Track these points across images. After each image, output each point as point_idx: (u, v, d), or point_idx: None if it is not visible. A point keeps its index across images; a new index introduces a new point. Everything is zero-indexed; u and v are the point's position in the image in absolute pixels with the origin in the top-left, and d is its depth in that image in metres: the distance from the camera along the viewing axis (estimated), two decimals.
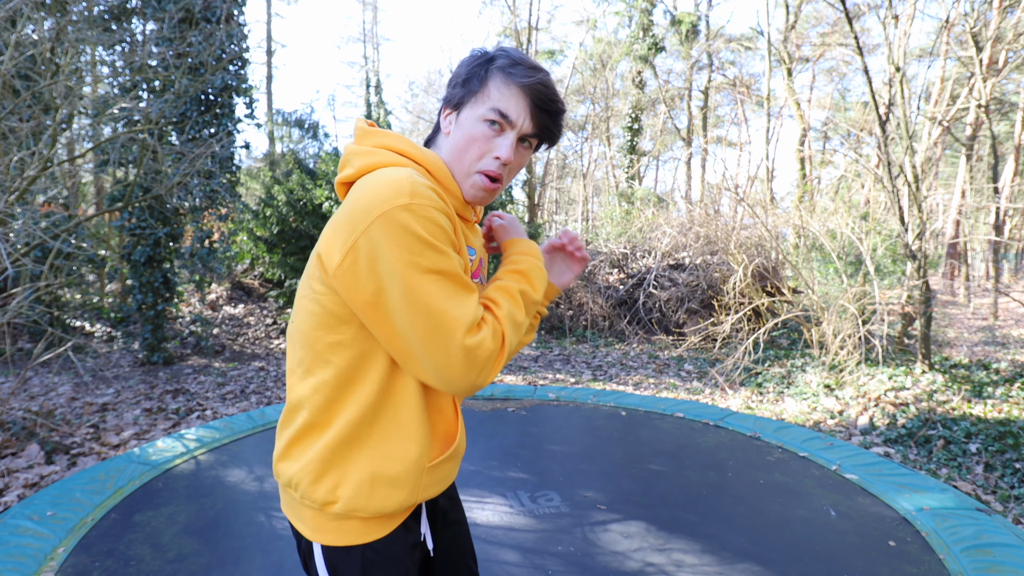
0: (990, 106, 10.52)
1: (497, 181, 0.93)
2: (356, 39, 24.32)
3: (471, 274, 0.98)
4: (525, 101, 0.91)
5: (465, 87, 0.93)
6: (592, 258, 9.50)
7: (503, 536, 2.40)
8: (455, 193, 0.94)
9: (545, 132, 0.95)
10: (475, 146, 0.91)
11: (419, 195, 0.81)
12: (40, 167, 3.51)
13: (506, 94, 0.90)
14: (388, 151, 0.92)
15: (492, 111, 0.90)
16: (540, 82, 0.91)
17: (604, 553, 2.29)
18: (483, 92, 0.91)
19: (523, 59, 0.93)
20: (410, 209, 0.79)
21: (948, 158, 21.86)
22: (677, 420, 3.93)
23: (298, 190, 7.90)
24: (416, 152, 0.92)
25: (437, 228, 0.81)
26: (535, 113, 0.92)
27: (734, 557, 2.27)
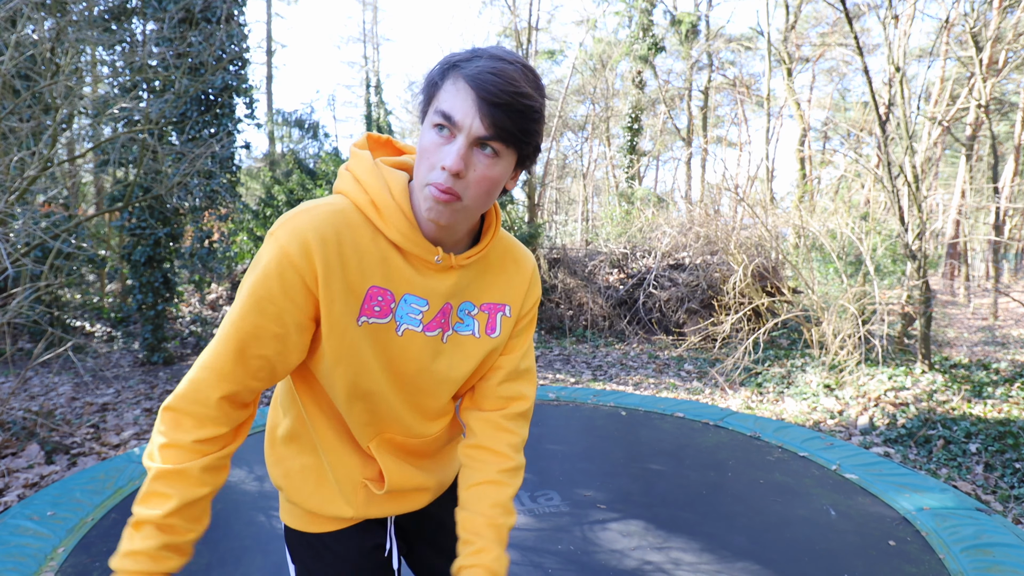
0: (990, 106, 10.52)
1: (448, 194, 0.77)
2: (356, 39, 24.33)
3: (424, 326, 0.88)
4: (471, 97, 0.74)
5: (425, 94, 0.81)
6: (592, 258, 9.50)
7: None
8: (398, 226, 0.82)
9: (504, 133, 0.76)
10: (425, 158, 0.79)
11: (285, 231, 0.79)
12: (40, 167, 3.51)
13: (452, 92, 0.76)
14: (350, 175, 0.85)
15: (436, 114, 0.77)
16: (491, 70, 0.74)
17: (603, 552, 2.29)
18: (435, 96, 0.79)
19: (483, 50, 0.77)
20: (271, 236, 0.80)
21: (948, 158, 21.86)
22: (677, 420, 3.94)
23: (298, 190, 7.91)
24: (366, 179, 0.83)
25: (274, 272, 0.78)
26: (485, 110, 0.74)
27: (734, 556, 2.27)
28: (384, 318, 0.86)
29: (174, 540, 0.80)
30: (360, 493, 0.98)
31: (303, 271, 0.78)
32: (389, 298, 0.85)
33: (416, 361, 0.90)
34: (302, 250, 0.77)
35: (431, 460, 1.05)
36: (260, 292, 0.78)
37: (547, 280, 9.19)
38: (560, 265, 9.37)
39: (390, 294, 0.85)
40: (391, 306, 0.86)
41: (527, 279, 0.98)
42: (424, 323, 0.89)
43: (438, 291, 0.88)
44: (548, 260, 9.78)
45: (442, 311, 0.90)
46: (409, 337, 0.88)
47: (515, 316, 0.97)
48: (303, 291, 0.79)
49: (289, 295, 0.79)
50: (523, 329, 1.01)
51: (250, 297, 0.79)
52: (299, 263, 0.78)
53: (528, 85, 0.76)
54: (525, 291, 0.98)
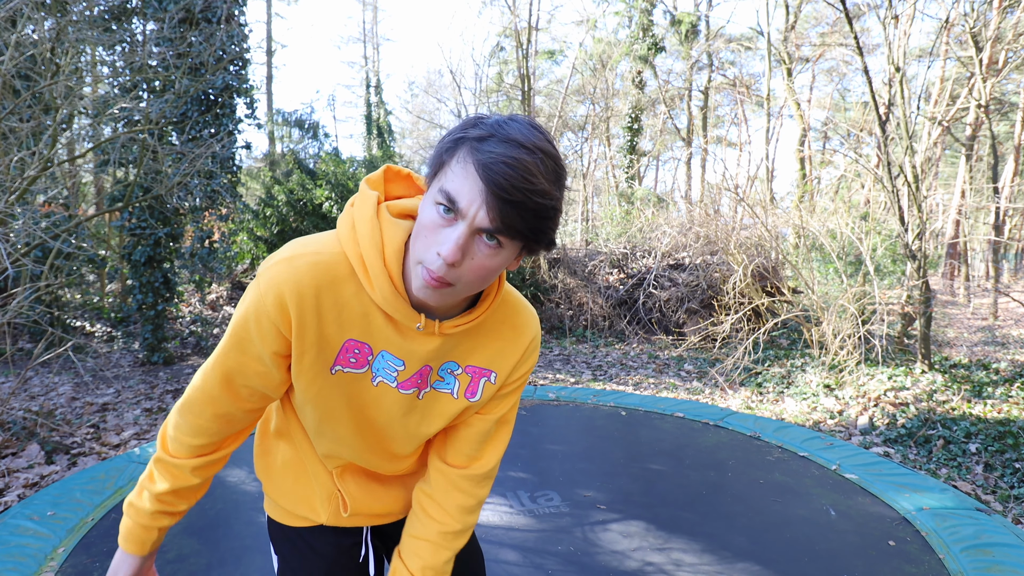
0: (990, 106, 10.52)
1: (439, 283, 0.72)
2: (356, 39, 24.33)
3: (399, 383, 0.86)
4: (479, 186, 0.67)
5: (433, 163, 0.75)
6: (592, 258, 9.50)
7: (503, 536, 2.40)
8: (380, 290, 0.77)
9: (511, 230, 0.69)
10: (423, 235, 0.72)
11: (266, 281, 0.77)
12: (40, 167, 3.51)
13: (460, 174, 0.69)
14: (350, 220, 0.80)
15: (440, 193, 0.70)
16: (505, 160, 0.66)
17: (604, 552, 2.29)
18: (443, 169, 0.72)
19: (501, 129, 0.69)
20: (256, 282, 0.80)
21: (948, 158, 21.86)
22: (677, 420, 3.94)
23: (298, 190, 7.91)
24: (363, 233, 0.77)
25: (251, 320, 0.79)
26: (493, 203, 0.67)
27: (734, 556, 2.27)
28: (360, 368, 0.84)
29: (166, 509, 0.93)
30: (332, 503, 1.01)
31: (277, 321, 0.78)
32: (367, 351, 0.83)
33: (387, 413, 0.89)
34: (277, 302, 0.77)
35: (398, 487, 1.05)
36: (241, 333, 0.81)
37: (547, 280, 9.18)
38: (560, 265, 9.37)
39: (368, 347, 0.83)
40: (368, 358, 0.84)
41: (522, 349, 0.91)
42: (399, 381, 0.86)
43: (417, 354, 0.84)
44: (548, 260, 9.77)
45: (419, 373, 0.87)
46: (383, 389, 0.87)
47: (500, 383, 0.91)
48: (278, 337, 0.80)
49: (265, 340, 0.80)
50: (507, 394, 0.95)
51: (232, 336, 0.82)
52: (273, 314, 0.78)
53: (546, 180, 0.68)
54: (517, 361, 0.91)
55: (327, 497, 1.00)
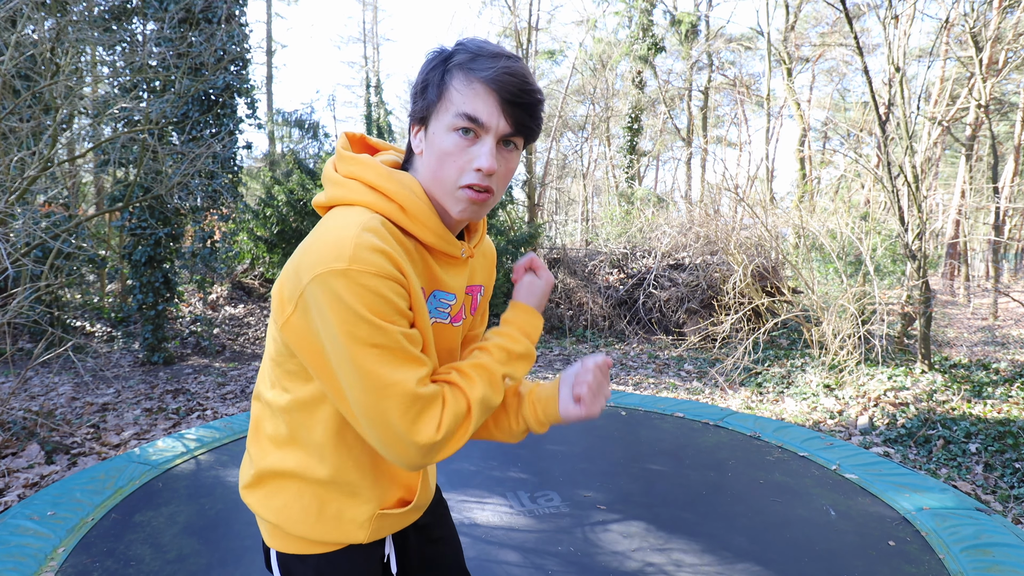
0: (990, 106, 10.52)
1: (486, 192, 0.80)
2: (356, 39, 24.32)
3: (452, 317, 0.91)
4: (493, 97, 0.76)
5: (425, 97, 0.80)
6: (592, 258, 9.50)
7: (503, 536, 2.40)
8: (432, 228, 0.83)
9: (524, 129, 0.80)
10: (451, 161, 0.78)
11: (359, 260, 0.72)
12: (40, 167, 3.51)
13: (470, 95, 0.76)
14: (359, 183, 0.82)
15: (459, 117, 0.76)
16: (506, 71, 0.76)
17: (604, 553, 2.29)
18: (445, 98, 0.78)
19: (483, 48, 0.78)
20: (347, 276, 0.72)
21: (948, 158, 21.86)
22: (677, 420, 3.94)
23: (298, 190, 7.90)
24: (388, 186, 0.81)
25: (375, 298, 0.73)
26: (508, 110, 0.77)
27: (734, 557, 2.27)
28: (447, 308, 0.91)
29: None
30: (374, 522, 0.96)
31: (400, 280, 0.77)
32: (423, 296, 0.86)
33: (446, 352, 0.94)
34: (392, 263, 0.76)
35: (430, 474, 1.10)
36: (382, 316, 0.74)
37: None
38: (560, 265, 9.37)
39: (423, 292, 0.87)
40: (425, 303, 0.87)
41: (492, 260, 1.06)
42: (452, 315, 0.92)
43: (460, 284, 0.92)
44: (548, 260, 9.77)
45: (462, 303, 0.94)
46: (439, 330, 0.91)
47: (486, 294, 1.05)
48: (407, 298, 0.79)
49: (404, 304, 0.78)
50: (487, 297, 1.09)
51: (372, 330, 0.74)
52: (395, 275, 0.76)
53: (533, 79, 0.80)
54: (492, 270, 1.06)
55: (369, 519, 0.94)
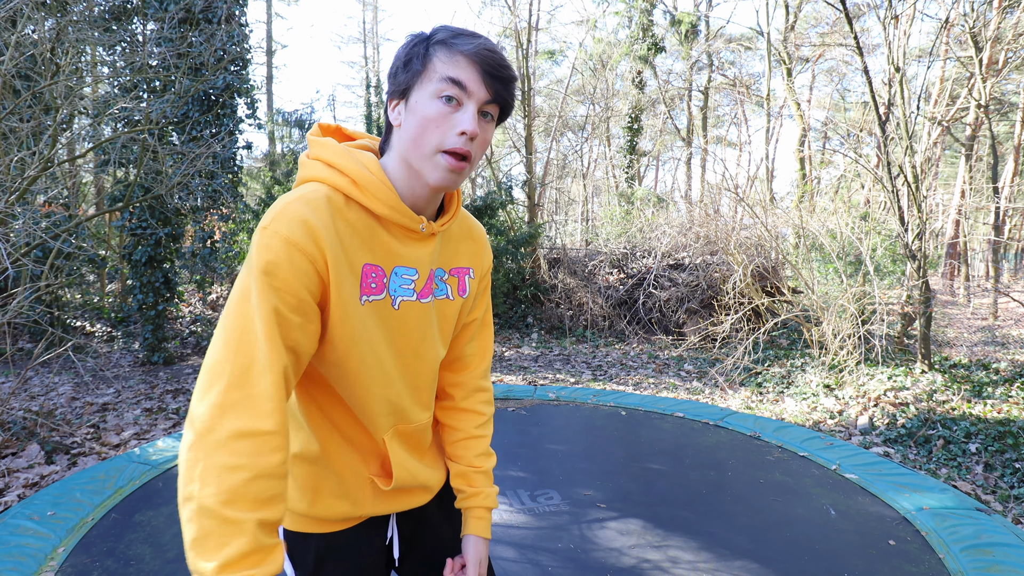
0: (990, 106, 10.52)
1: (464, 160, 0.83)
2: (356, 39, 24.33)
3: (418, 294, 0.93)
4: (475, 68, 0.82)
5: (408, 70, 0.85)
6: (592, 258, 9.50)
7: (503, 534, 2.40)
8: (384, 199, 0.85)
9: (501, 100, 0.85)
10: (432, 126, 0.82)
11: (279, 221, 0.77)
12: (40, 167, 3.51)
13: (452, 64, 0.82)
14: (319, 163, 0.87)
15: (445, 82, 0.81)
16: (485, 47, 0.83)
17: (603, 550, 2.29)
18: (429, 69, 0.83)
19: (462, 30, 0.85)
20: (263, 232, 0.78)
21: (948, 158, 21.86)
22: (677, 420, 3.94)
23: None
24: (341, 161, 0.85)
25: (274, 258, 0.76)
26: (488, 80, 0.83)
27: (733, 556, 2.27)
28: (379, 294, 0.89)
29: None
30: (367, 489, 0.99)
31: (313, 256, 0.78)
32: (381, 273, 0.88)
33: (417, 329, 0.95)
34: (309, 236, 0.78)
35: (429, 455, 1.09)
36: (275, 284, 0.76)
37: (547, 280, 9.18)
38: (560, 265, 9.37)
39: (381, 269, 0.88)
40: (383, 281, 0.88)
41: (482, 244, 1.07)
42: (417, 291, 0.93)
43: (423, 259, 0.93)
44: (548, 260, 9.78)
45: (430, 277, 0.95)
46: (406, 308, 0.92)
47: (478, 277, 1.05)
48: (313, 275, 0.79)
49: (302, 280, 0.78)
50: (481, 292, 1.09)
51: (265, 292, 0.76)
52: (308, 248, 0.78)
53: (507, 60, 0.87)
54: (482, 254, 1.07)
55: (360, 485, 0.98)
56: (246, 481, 0.69)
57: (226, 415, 0.71)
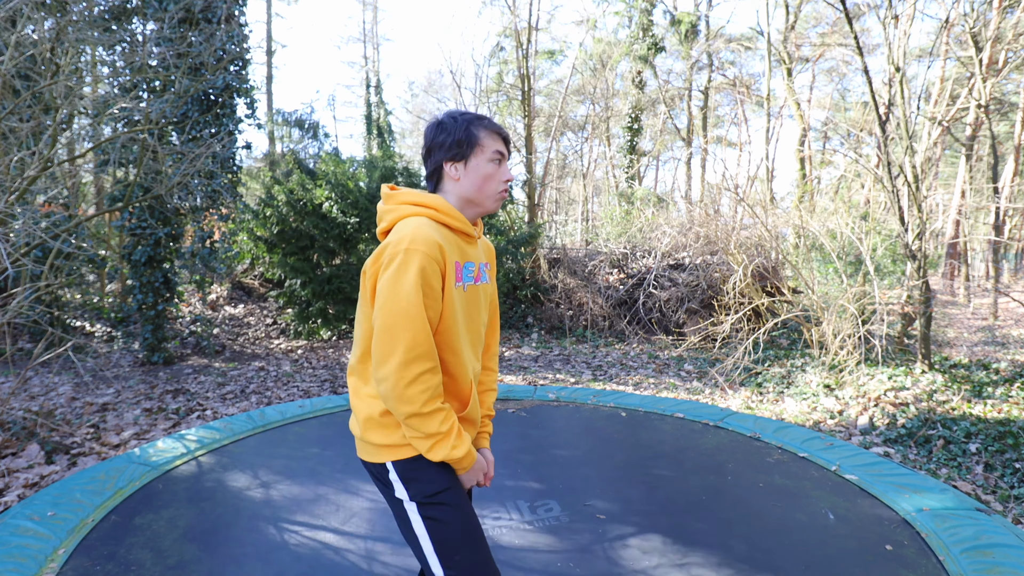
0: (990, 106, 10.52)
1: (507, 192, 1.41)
2: (356, 39, 24.30)
3: (474, 278, 1.40)
4: (500, 139, 1.39)
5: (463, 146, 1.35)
6: (592, 258, 9.50)
7: (504, 550, 2.40)
8: (459, 219, 1.35)
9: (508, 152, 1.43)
10: (491, 180, 1.38)
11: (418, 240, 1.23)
12: (40, 167, 3.51)
13: (491, 140, 1.37)
14: (408, 205, 1.35)
15: (496, 153, 1.37)
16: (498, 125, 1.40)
17: (604, 562, 2.29)
18: (480, 145, 1.36)
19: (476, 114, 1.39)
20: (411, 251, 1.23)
21: (948, 158, 21.86)
22: (677, 420, 3.93)
23: (298, 190, 7.90)
24: (427, 200, 1.34)
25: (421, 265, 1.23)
26: (505, 146, 1.41)
27: (734, 562, 2.27)
28: (459, 281, 1.34)
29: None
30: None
31: (439, 261, 1.26)
32: (459, 267, 1.33)
33: (476, 304, 1.41)
34: (437, 248, 1.25)
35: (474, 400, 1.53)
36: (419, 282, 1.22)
37: (547, 280, 9.18)
38: (560, 265, 9.37)
39: (458, 264, 1.33)
40: (461, 272, 1.34)
41: (492, 251, 1.57)
42: (475, 278, 1.40)
43: (477, 256, 1.42)
44: (548, 260, 9.77)
45: (480, 268, 1.43)
46: (472, 290, 1.39)
47: (492, 269, 1.55)
48: (439, 274, 1.26)
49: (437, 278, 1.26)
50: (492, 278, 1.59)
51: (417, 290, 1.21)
52: (438, 257, 1.25)
53: None
54: (494, 258, 1.57)
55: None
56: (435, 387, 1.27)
57: (412, 364, 1.22)
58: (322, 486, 2.88)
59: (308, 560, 2.23)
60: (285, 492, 2.81)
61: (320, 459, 3.21)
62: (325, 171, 7.95)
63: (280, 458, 3.21)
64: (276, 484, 2.89)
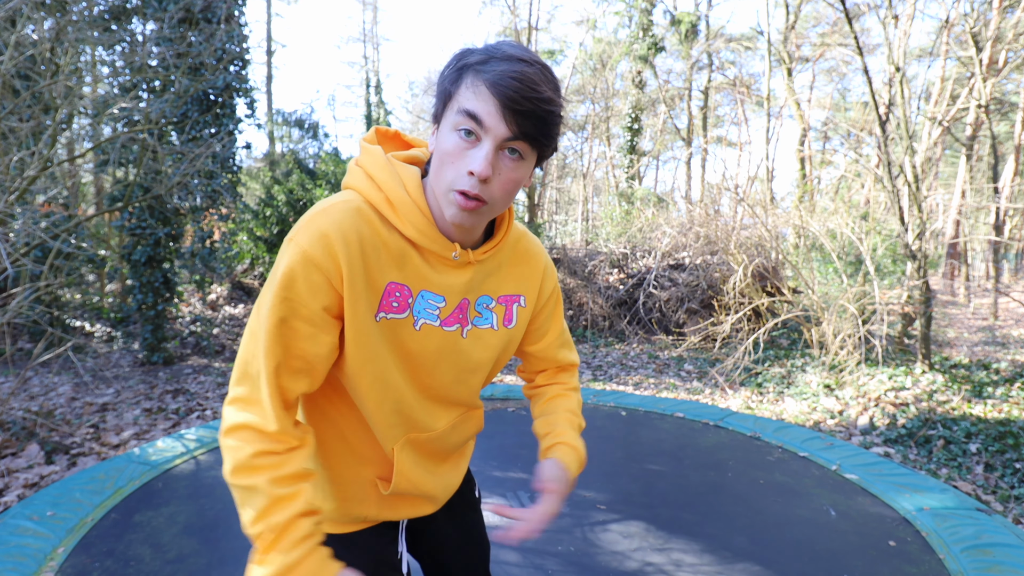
0: (990, 106, 10.52)
1: (476, 200, 0.76)
2: (356, 39, 24.32)
3: (442, 321, 0.88)
4: (495, 101, 0.73)
5: (440, 96, 0.80)
6: (592, 258, 9.50)
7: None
8: (415, 224, 0.82)
9: (528, 137, 0.75)
10: (449, 162, 0.76)
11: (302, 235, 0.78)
12: (40, 167, 3.51)
13: (474, 96, 0.74)
14: (362, 173, 0.84)
15: (460, 114, 0.75)
16: (512, 74, 0.72)
17: (604, 553, 2.29)
18: (454, 96, 0.76)
19: (498, 49, 0.75)
20: (288, 244, 0.79)
21: (948, 158, 21.86)
22: (677, 420, 3.93)
23: (298, 190, 7.90)
24: (380, 175, 0.82)
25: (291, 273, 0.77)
26: (509, 115, 0.73)
27: (734, 557, 2.27)
28: (402, 313, 0.85)
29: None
30: (372, 493, 0.98)
31: (328, 271, 0.77)
32: (406, 293, 0.85)
33: (436, 353, 0.90)
34: (326, 251, 0.77)
35: (446, 464, 1.06)
36: (286, 295, 0.77)
37: None
38: (560, 265, 9.37)
39: (407, 289, 0.85)
40: (408, 301, 0.85)
41: (541, 269, 1.00)
42: (441, 319, 0.89)
43: (455, 287, 0.88)
44: None
45: (459, 307, 0.90)
46: (427, 331, 0.88)
47: (531, 306, 0.99)
48: (328, 290, 0.78)
49: (316, 295, 0.78)
50: (551, 314, 1.06)
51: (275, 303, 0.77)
52: (324, 264, 0.77)
53: (548, 88, 0.75)
54: (540, 280, 1.00)
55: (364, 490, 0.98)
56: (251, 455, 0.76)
57: (235, 409, 0.79)
58: None
59: None
60: None
61: None
62: (325, 171, 7.95)
63: None
64: None
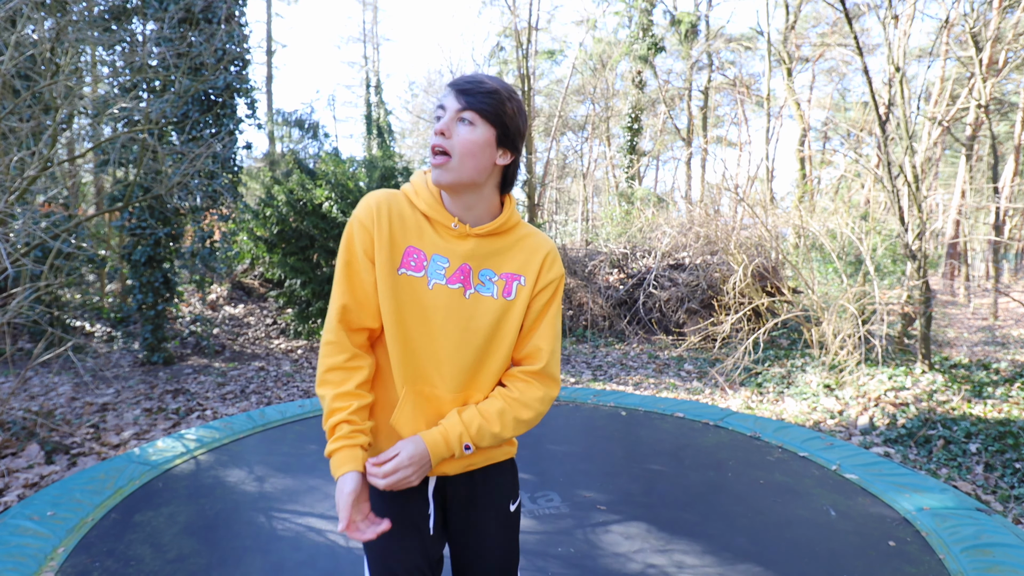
0: (990, 106, 10.52)
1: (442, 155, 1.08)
2: (356, 39, 24.31)
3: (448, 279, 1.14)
4: (450, 91, 1.10)
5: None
6: (592, 258, 9.50)
7: None
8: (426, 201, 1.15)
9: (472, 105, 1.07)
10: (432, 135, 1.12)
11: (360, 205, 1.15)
12: (40, 167, 3.51)
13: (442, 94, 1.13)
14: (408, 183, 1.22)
15: (437, 108, 1.11)
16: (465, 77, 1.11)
17: (605, 555, 2.29)
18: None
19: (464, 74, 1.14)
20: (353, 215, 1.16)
21: (948, 158, 21.86)
22: (677, 420, 3.93)
23: (298, 190, 7.89)
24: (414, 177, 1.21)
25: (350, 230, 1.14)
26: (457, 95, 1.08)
27: (734, 557, 2.27)
28: (419, 272, 1.14)
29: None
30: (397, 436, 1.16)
31: (368, 227, 1.13)
32: (422, 257, 1.14)
33: (445, 309, 1.14)
34: (367, 214, 1.13)
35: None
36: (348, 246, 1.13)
37: None
38: None
39: (422, 253, 1.14)
40: (424, 263, 1.14)
41: (542, 258, 1.21)
42: (447, 276, 1.15)
43: (457, 252, 1.15)
44: None
45: (460, 269, 1.16)
46: (438, 290, 1.14)
47: (530, 285, 1.19)
48: (367, 238, 1.13)
49: (362, 241, 1.13)
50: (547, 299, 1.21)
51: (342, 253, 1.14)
52: (366, 222, 1.13)
53: (494, 83, 1.09)
54: (540, 266, 1.20)
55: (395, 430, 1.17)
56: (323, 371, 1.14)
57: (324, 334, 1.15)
58: (322, 482, 2.88)
59: (307, 550, 2.24)
60: (285, 488, 2.81)
61: (320, 456, 3.21)
62: (325, 171, 7.95)
63: (280, 456, 3.22)
64: (276, 481, 2.89)
